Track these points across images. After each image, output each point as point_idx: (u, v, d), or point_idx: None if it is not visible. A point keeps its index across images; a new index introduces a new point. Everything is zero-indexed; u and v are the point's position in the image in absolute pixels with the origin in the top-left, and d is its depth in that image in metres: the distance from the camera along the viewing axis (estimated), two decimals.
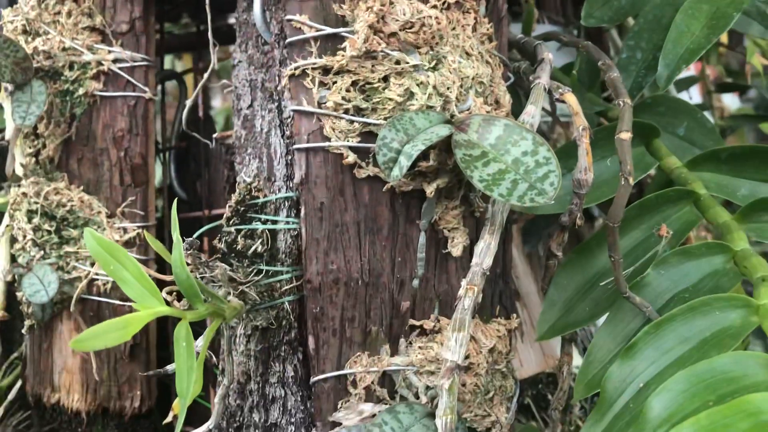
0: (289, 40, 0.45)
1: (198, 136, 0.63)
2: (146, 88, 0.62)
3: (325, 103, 0.43)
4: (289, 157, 0.51)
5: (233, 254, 0.51)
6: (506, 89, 0.49)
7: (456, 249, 0.46)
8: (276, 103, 0.52)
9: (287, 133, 0.51)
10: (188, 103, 0.58)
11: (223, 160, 0.68)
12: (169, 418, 0.38)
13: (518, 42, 0.56)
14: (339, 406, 0.44)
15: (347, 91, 0.43)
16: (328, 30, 0.44)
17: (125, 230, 0.62)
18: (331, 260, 0.44)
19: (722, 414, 0.32)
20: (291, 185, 0.50)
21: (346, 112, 0.43)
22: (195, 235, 0.51)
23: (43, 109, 0.59)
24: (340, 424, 0.44)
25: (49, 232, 0.62)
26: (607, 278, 0.49)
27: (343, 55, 0.43)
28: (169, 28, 0.89)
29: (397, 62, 0.43)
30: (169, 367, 0.54)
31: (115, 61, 0.62)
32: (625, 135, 0.44)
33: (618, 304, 0.46)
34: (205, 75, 0.57)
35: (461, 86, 0.44)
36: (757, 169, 0.52)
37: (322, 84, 0.44)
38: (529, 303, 0.63)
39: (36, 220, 0.62)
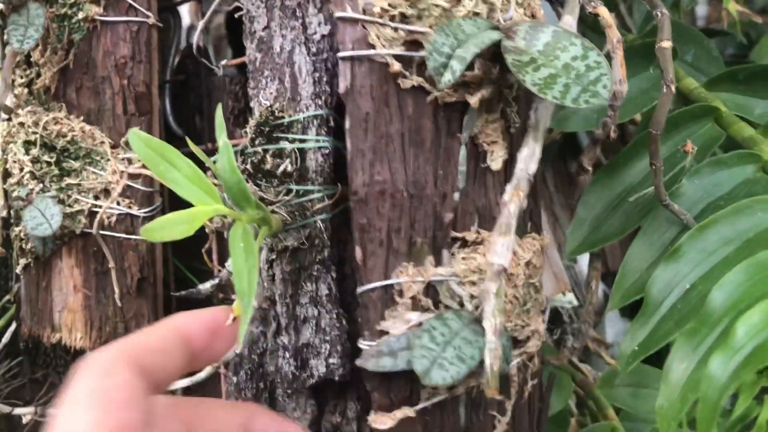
0: None
1: (207, 63, 0.61)
2: (149, 13, 0.60)
3: (370, 9, 0.42)
4: (317, 75, 0.49)
5: (261, 174, 0.49)
6: None
7: (495, 163, 0.46)
8: (300, 20, 0.50)
9: (313, 49, 0.49)
10: (200, 24, 0.56)
11: (227, 91, 0.66)
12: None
13: None
14: (386, 315, 0.44)
15: None
16: None
17: (130, 161, 0.60)
18: (377, 171, 0.44)
19: None
20: (319, 103, 0.49)
21: (392, 19, 0.42)
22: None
23: (41, 33, 0.56)
24: (387, 333, 0.43)
25: (49, 164, 0.59)
26: (635, 193, 0.49)
27: None
28: None
29: None
30: (201, 286, 0.53)
31: None
32: (666, 43, 0.44)
33: (653, 215, 0.47)
34: None
35: None
36: None
37: None
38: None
39: (34, 151, 0.59)
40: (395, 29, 0.42)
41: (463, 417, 0.46)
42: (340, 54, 0.44)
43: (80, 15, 0.58)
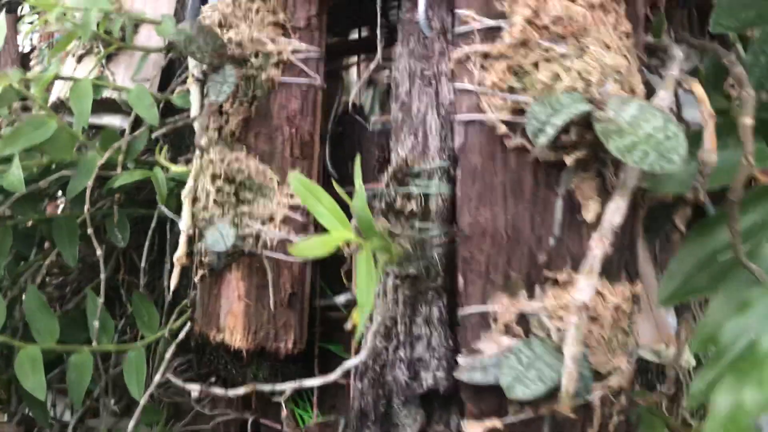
0: (456, 30, 0.54)
1: (359, 119, 0.73)
2: (317, 76, 0.73)
3: (483, 82, 0.52)
4: (443, 133, 0.59)
5: (391, 212, 0.59)
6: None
7: (589, 215, 0.53)
8: (433, 88, 0.60)
9: (443, 112, 0.59)
10: (355, 87, 0.67)
11: (375, 142, 0.77)
12: (349, 326, 0.47)
13: (650, 44, 0.63)
14: (481, 336, 0.52)
15: (503, 73, 0.51)
16: (490, 22, 0.52)
17: (292, 195, 0.72)
18: (480, 214, 0.52)
19: None
20: (444, 156, 0.59)
21: (501, 90, 0.51)
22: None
23: (232, 89, 0.71)
24: (481, 351, 0.51)
25: (229, 194, 0.73)
26: (724, 254, 0.54)
27: (501, 43, 0.51)
28: None
29: (546, 50, 0.51)
30: (336, 298, 0.63)
31: (293, 51, 0.72)
32: (748, 121, 0.49)
33: (734, 273, 0.52)
34: (371, 66, 0.67)
35: (601, 73, 0.51)
36: None
37: (482, 67, 0.52)
38: (646, 283, 0.69)
39: (218, 182, 0.73)
40: (504, 99, 0.51)
41: None
42: (458, 117, 0.53)
43: (263, 76, 0.72)
